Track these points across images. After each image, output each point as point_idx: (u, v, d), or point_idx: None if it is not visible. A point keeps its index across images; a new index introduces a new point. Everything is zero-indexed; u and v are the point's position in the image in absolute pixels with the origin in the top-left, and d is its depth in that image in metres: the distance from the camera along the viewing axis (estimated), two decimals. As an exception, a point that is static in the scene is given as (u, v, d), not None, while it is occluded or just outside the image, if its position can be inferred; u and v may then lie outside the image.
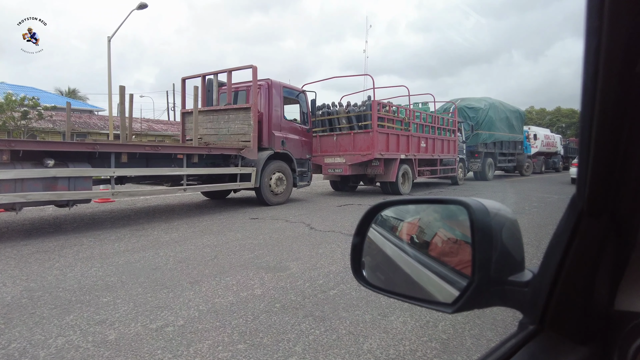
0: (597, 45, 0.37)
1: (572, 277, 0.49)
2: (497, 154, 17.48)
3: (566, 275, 0.49)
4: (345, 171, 9.82)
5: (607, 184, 0.44)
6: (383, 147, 9.68)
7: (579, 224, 0.48)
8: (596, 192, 0.44)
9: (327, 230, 5.48)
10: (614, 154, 0.41)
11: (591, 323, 0.49)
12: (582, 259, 0.49)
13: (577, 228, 0.48)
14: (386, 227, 0.80)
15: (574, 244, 0.48)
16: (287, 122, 8.58)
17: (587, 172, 0.43)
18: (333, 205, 8.35)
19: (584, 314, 0.49)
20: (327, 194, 10.84)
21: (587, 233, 0.48)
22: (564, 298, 0.50)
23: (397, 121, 10.39)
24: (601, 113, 0.39)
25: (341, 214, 7.08)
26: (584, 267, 0.49)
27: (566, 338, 0.50)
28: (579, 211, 0.47)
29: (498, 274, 0.54)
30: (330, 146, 10.14)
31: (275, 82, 8.33)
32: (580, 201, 0.46)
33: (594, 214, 0.46)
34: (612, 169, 0.42)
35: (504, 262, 0.55)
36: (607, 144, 0.41)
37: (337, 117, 10.10)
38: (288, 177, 8.43)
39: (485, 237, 0.55)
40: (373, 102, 9.32)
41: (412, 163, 10.95)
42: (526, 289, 0.53)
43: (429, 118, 11.96)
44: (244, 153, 7.45)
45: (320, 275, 3.45)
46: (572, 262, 0.49)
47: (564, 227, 0.49)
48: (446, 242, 0.67)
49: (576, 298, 0.50)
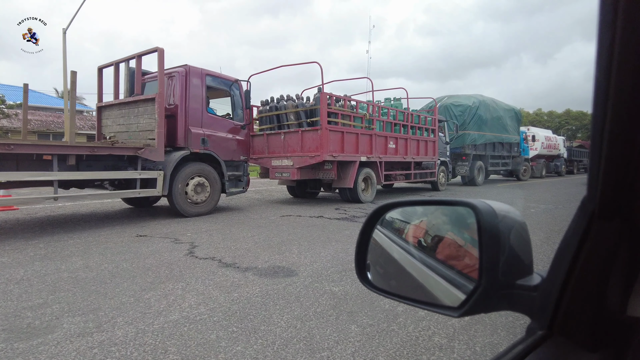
0: (611, 40, 0.36)
1: (582, 281, 0.48)
2: (488, 157, 15.87)
3: (576, 279, 0.49)
4: (293, 175, 8.39)
5: (620, 186, 0.43)
6: (336, 148, 8.24)
7: (590, 227, 0.47)
8: (608, 194, 0.44)
9: (208, 257, 4.07)
10: (627, 154, 0.40)
11: (602, 329, 0.48)
12: (593, 263, 0.48)
13: (588, 231, 0.47)
14: (392, 229, 0.78)
15: (585, 247, 0.47)
16: (212, 117, 7.19)
17: (598, 173, 0.42)
18: (269, 216, 6.93)
19: (595, 319, 0.48)
20: (276, 201, 9.42)
21: (599, 236, 0.47)
22: (574, 303, 0.49)
23: (356, 118, 8.94)
24: (614, 111, 0.38)
25: (263, 229, 5.66)
26: (595, 271, 0.48)
27: (576, 344, 0.49)
28: (590, 214, 0.46)
29: (506, 278, 0.53)
30: (278, 146, 8.73)
31: (196, 68, 6.96)
32: (592, 203, 0.45)
33: (606, 216, 0.45)
34: (626, 169, 0.41)
35: (512, 265, 0.54)
36: (620, 144, 0.40)
37: (285, 113, 8.68)
38: (213, 182, 7.04)
39: (492, 240, 0.53)
40: (322, 94, 7.88)
41: (377, 166, 9.47)
42: (535, 294, 0.52)
43: (399, 115, 10.46)
44: (143, 153, 6.08)
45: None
46: (582, 266, 0.48)
47: (574, 230, 0.48)
48: (454, 246, 0.65)
49: (586, 303, 0.48)
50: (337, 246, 4.57)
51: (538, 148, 20.96)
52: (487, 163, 15.94)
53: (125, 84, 7.04)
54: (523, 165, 18.64)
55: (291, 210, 7.75)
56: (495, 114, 15.91)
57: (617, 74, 0.36)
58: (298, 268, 3.70)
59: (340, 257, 4.06)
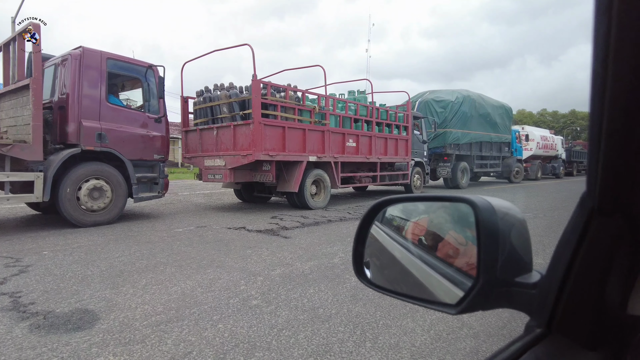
0: (607, 26, 0.35)
1: (581, 278, 0.48)
2: (474, 157, 14.61)
3: (575, 276, 0.48)
4: (225, 177, 7.26)
5: (620, 182, 0.41)
6: (275, 146, 7.09)
7: (589, 223, 0.46)
8: (608, 189, 0.42)
9: (7, 293, 2.96)
10: (626, 149, 0.39)
11: (602, 327, 0.47)
12: (592, 260, 0.47)
13: (588, 227, 0.46)
14: (391, 226, 0.78)
15: (584, 244, 0.47)
16: (115, 109, 6.06)
17: (597, 168, 0.41)
18: (180, 227, 5.81)
19: (594, 317, 0.47)
20: (216, 207, 8.28)
21: (599, 233, 0.46)
22: (573, 300, 0.48)
23: (304, 112, 7.78)
24: (612, 102, 0.37)
25: (148, 246, 4.53)
26: (594, 268, 0.47)
27: (574, 342, 0.48)
28: (589, 209, 0.45)
29: (504, 275, 0.52)
30: (211, 144, 7.59)
31: (93, 51, 5.85)
32: (591, 199, 0.44)
33: (605, 212, 0.44)
34: (625, 165, 0.40)
35: (511, 262, 0.53)
36: (618, 139, 0.39)
37: (218, 105, 7.54)
38: (116, 186, 5.93)
39: (490, 236, 0.52)
40: (254, 81, 6.72)
41: (332, 167, 8.30)
42: (534, 291, 0.52)
43: (362, 110, 9.27)
44: (11, 151, 4.98)
45: None
46: (582, 263, 0.47)
47: (573, 227, 0.48)
48: (455, 244, 0.64)
49: (586, 301, 0.48)
50: (205, 277, 3.44)
51: (533, 148, 19.64)
52: (473, 164, 14.68)
53: (12, 69, 5.94)
54: (515, 166, 17.31)
55: (218, 219, 6.61)
56: (482, 111, 14.64)
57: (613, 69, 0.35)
58: (107, 315, 2.57)
59: (186, 299, 2.92)
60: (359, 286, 3.16)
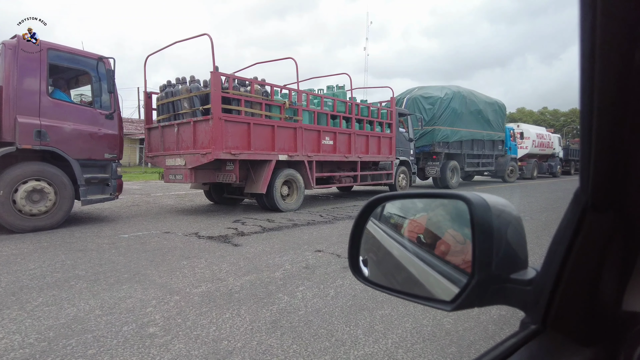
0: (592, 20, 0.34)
1: (576, 275, 0.47)
2: (464, 156, 14.08)
3: (570, 273, 0.47)
4: (186, 178, 6.76)
5: (612, 177, 0.41)
6: (238, 143, 6.58)
7: (583, 219, 0.45)
8: (601, 186, 0.42)
9: None
10: (617, 143, 0.39)
11: (596, 324, 0.46)
12: (586, 256, 0.46)
13: (581, 224, 0.46)
14: (389, 224, 0.77)
15: (578, 240, 0.46)
16: (58, 104, 5.55)
17: (589, 165, 0.41)
18: (130, 232, 5.33)
19: (589, 313, 0.47)
20: (183, 209, 7.79)
21: (592, 229, 0.45)
22: (567, 297, 0.48)
23: (273, 107, 7.27)
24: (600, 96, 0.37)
25: (77, 255, 4.05)
26: (588, 264, 0.46)
27: (569, 338, 0.48)
28: (583, 206, 0.45)
29: (500, 271, 0.52)
30: (172, 141, 7.09)
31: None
32: (584, 195, 0.44)
33: (599, 208, 0.44)
34: (616, 159, 0.40)
35: (506, 259, 0.52)
36: (609, 133, 0.39)
37: (179, 100, 7.03)
38: (60, 188, 5.44)
39: (485, 233, 0.52)
40: (213, 73, 6.21)
41: (305, 167, 7.80)
42: (529, 287, 0.51)
43: (339, 106, 8.76)
44: None
45: None
46: (575, 259, 0.47)
47: (567, 223, 0.47)
48: (453, 242, 0.63)
49: (580, 297, 0.47)
50: (114, 295, 2.96)
51: (528, 146, 19.10)
52: (464, 163, 14.15)
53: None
54: (509, 165, 16.77)
55: (176, 223, 6.12)
56: (474, 108, 14.11)
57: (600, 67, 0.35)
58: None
59: (73, 325, 2.43)
60: (286, 309, 2.67)
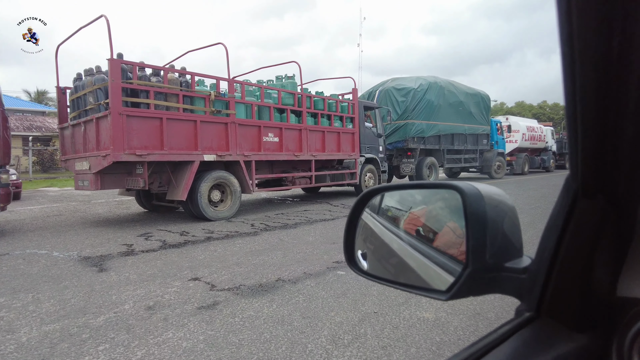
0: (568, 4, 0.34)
1: (569, 261, 0.47)
2: (443, 151, 13.05)
3: (563, 259, 0.47)
4: (92, 185, 5.78)
5: (600, 162, 0.41)
6: (148, 142, 5.59)
7: (574, 205, 0.46)
8: (589, 171, 0.42)
9: None
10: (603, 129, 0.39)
11: (590, 310, 0.46)
12: (579, 243, 0.46)
13: (573, 210, 0.46)
14: (387, 217, 0.77)
15: (570, 227, 0.46)
16: None
17: (577, 151, 0.41)
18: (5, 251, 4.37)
19: (583, 300, 0.46)
20: (113, 219, 6.80)
21: (583, 215, 0.45)
22: (561, 284, 0.48)
23: (196, 99, 6.29)
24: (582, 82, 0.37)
25: None
26: (581, 250, 0.46)
27: (563, 325, 0.48)
28: (573, 192, 0.45)
29: (495, 260, 0.52)
30: (80, 142, 6.12)
31: None
32: (574, 182, 0.45)
33: (589, 194, 0.44)
34: (604, 145, 0.40)
35: (501, 247, 0.52)
36: (594, 119, 0.39)
37: (86, 94, 6.05)
38: None
39: (479, 222, 0.52)
40: (110, 61, 5.24)
41: (241, 168, 6.81)
42: (524, 276, 0.51)
43: (286, 97, 7.76)
44: None
45: None
46: (568, 245, 0.47)
47: (558, 210, 0.47)
48: (452, 234, 0.62)
49: (574, 283, 0.47)
50: None
51: (518, 140, 18.02)
52: (444, 159, 13.11)
53: None
54: (496, 160, 15.69)
55: (77, 237, 5.14)
56: (453, 100, 13.07)
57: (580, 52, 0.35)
58: None
59: None
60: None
